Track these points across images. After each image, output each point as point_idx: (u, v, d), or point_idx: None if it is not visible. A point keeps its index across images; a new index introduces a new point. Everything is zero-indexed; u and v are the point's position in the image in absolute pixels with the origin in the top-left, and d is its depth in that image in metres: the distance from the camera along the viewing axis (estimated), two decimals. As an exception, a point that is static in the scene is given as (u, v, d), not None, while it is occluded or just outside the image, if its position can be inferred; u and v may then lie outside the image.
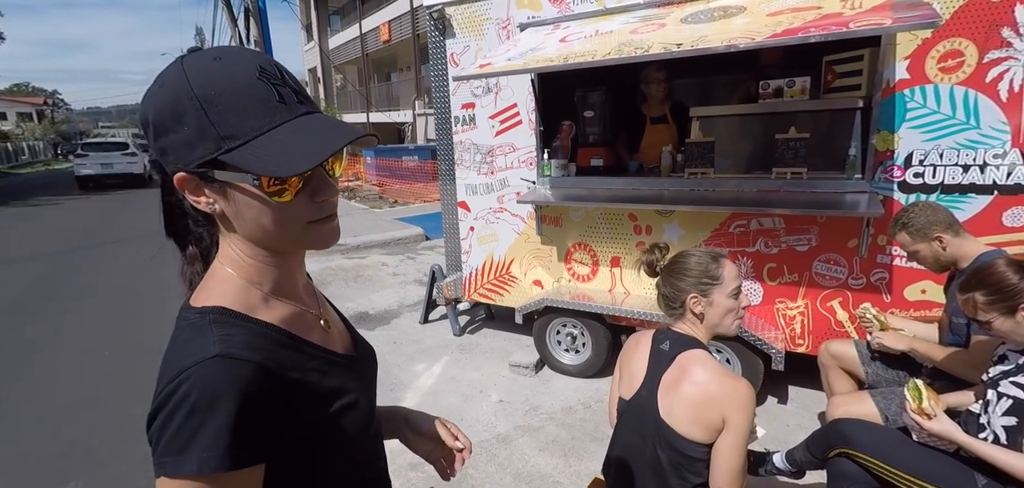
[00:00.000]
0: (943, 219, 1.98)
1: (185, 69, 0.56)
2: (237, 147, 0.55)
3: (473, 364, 3.66)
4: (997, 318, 1.48)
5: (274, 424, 0.58)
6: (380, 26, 18.56)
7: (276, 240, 0.63)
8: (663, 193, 3.05)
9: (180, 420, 0.53)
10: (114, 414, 3.17)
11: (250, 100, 0.56)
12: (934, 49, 2.32)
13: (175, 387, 0.54)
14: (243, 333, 0.59)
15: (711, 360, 1.31)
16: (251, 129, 0.56)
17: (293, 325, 0.66)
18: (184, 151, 0.57)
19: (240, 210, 0.60)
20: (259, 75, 0.57)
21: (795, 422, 2.83)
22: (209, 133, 0.55)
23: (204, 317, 0.60)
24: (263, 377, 0.57)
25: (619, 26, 2.60)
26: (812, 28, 1.80)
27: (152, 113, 0.58)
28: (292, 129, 0.57)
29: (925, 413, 1.60)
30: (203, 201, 0.60)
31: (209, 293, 0.63)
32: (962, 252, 1.97)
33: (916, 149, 2.46)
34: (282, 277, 0.67)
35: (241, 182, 0.57)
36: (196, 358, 0.55)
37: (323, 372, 0.67)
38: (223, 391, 0.54)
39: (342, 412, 0.67)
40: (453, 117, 3.66)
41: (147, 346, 4.15)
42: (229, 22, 11.49)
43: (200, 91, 0.55)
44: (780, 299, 2.94)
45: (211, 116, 0.55)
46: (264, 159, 0.55)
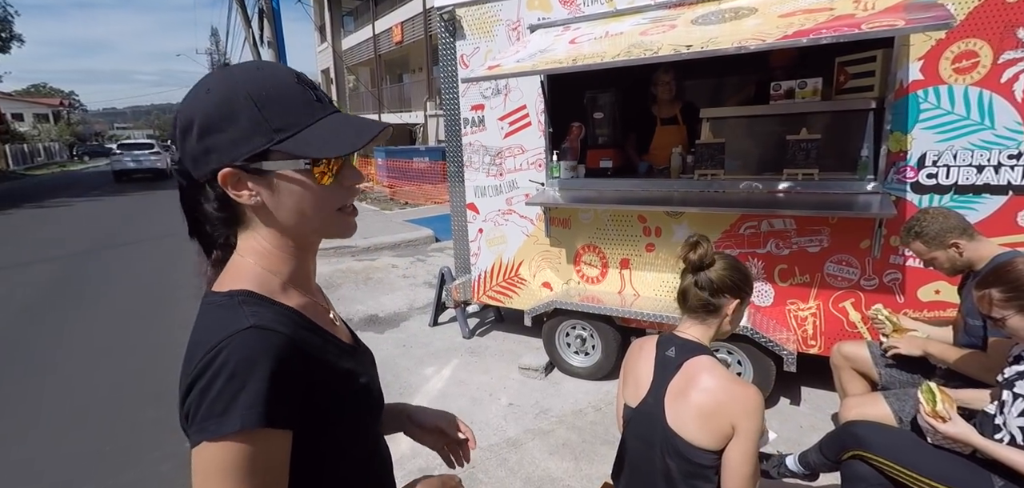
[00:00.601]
0: (957, 225, 1.96)
1: (233, 75, 0.65)
2: (288, 138, 0.63)
3: (482, 367, 3.67)
4: (1012, 315, 1.46)
5: (301, 394, 0.63)
6: (393, 27, 18.68)
7: (310, 225, 0.69)
8: (672, 194, 3.05)
9: (221, 384, 0.57)
10: (126, 419, 3.18)
11: (294, 100, 0.65)
12: (948, 50, 2.30)
13: (213, 356, 0.58)
14: (269, 312, 0.65)
15: (718, 366, 1.30)
16: (299, 122, 0.64)
17: (309, 312, 0.72)
18: (232, 148, 0.63)
19: (282, 198, 0.66)
20: (297, 81, 0.66)
21: (808, 423, 2.81)
22: (262, 127, 0.62)
23: (233, 299, 0.65)
24: (293, 348, 0.62)
25: (629, 27, 2.61)
26: (824, 30, 1.79)
27: (199, 115, 0.64)
28: (331, 122, 0.66)
29: (939, 416, 1.59)
30: (245, 194, 0.66)
31: (234, 279, 0.68)
32: (978, 255, 1.95)
33: (930, 150, 2.44)
34: (299, 270, 0.73)
35: (292, 168, 0.65)
36: (232, 329, 0.60)
37: (337, 356, 0.72)
38: (260, 356, 0.58)
39: (358, 393, 0.74)
40: (462, 119, 3.69)
41: (160, 348, 4.21)
42: (243, 23, 11.62)
43: (253, 91, 0.63)
44: (792, 300, 2.92)
45: (264, 112, 0.62)
46: (314, 145, 0.63)
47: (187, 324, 0.67)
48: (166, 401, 3.36)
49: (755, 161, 3.08)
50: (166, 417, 3.18)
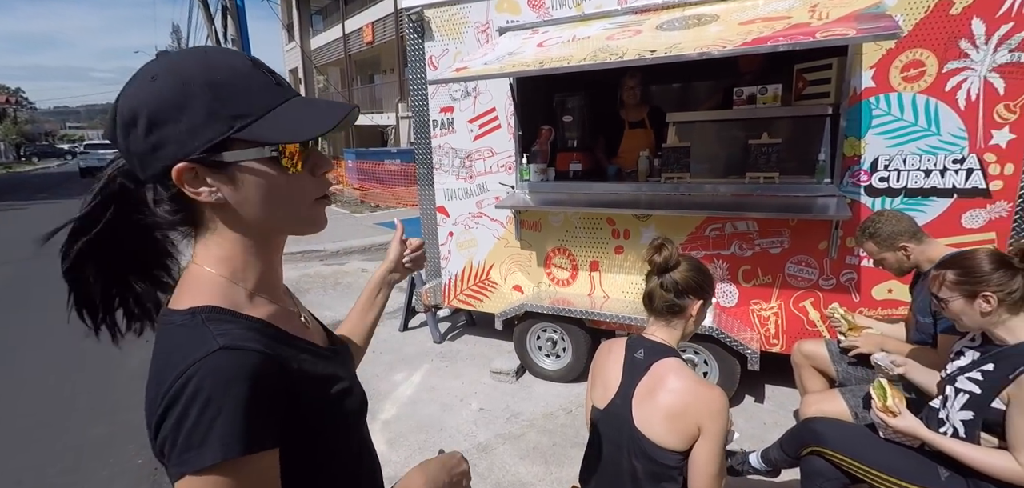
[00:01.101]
0: (907, 229, 2.07)
1: (181, 61, 0.59)
2: (249, 124, 0.58)
3: (453, 372, 3.64)
4: (956, 299, 1.54)
5: (283, 409, 0.59)
6: (363, 27, 18.38)
7: (279, 220, 0.64)
8: (640, 197, 3.09)
9: (196, 414, 0.52)
10: (74, 438, 3.02)
11: (253, 83, 0.60)
12: (897, 59, 2.40)
13: (183, 383, 0.53)
14: (236, 327, 0.60)
15: (685, 368, 1.32)
16: (260, 107, 0.59)
17: (279, 321, 0.67)
18: (187, 139, 0.57)
19: (246, 192, 0.60)
20: (253, 65, 0.62)
21: (771, 420, 2.89)
22: (220, 114, 0.57)
23: (195, 317, 0.59)
24: (268, 365, 0.58)
25: (596, 32, 2.63)
26: (781, 37, 1.85)
27: (146, 106, 0.57)
28: (295, 105, 0.61)
29: (890, 411, 1.65)
30: (204, 191, 0.60)
31: (193, 293, 0.62)
32: (925, 256, 2.06)
33: (881, 154, 2.54)
34: (266, 273, 0.68)
35: (256, 158, 0.59)
36: (200, 352, 0.55)
37: (314, 362, 0.68)
38: (235, 377, 0.54)
39: (340, 397, 0.70)
40: (432, 121, 3.65)
41: (110, 362, 4.01)
42: (205, 20, 11.23)
43: (206, 77, 0.57)
44: (755, 300, 3.00)
45: (221, 98, 0.57)
46: (281, 130, 0.58)
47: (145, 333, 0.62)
48: (116, 417, 3.21)
49: (720, 165, 3.16)
50: (115, 434, 3.03)
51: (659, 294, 1.35)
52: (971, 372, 1.53)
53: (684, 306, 1.34)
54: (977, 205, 2.43)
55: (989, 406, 1.46)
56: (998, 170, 2.36)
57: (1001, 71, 2.26)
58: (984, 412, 1.48)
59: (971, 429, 1.51)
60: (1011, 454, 1.42)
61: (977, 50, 2.28)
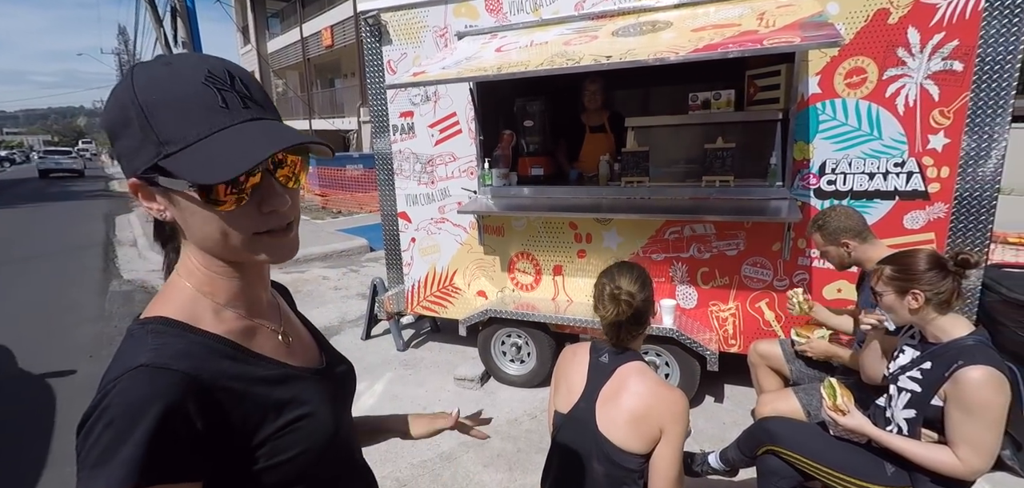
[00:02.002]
0: (853, 226, 2.15)
1: (133, 77, 0.57)
2: (174, 153, 0.55)
3: (417, 380, 3.56)
4: (889, 294, 1.60)
5: (206, 438, 0.55)
6: (322, 31, 18.00)
7: (224, 250, 0.61)
8: (601, 201, 3.11)
9: (98, 432, 0.51)
10: (5, 460, 2.83)
11: (191, 105, 0.55)
12: (841, 66, 2.50)
13: (101, 397, 0.52)
14: (179, 342, 0.58)
15: (649, 371, 1.33)
16: (189, 135, 0.55)
17: (243, 337, 0.64)
18: (131, 157, 0.57)
19: (186, 217, 0.59)
20: (206, 79, 0.57)
21: (731, 420, 2.95)
22: (150, 138, 0.55)
23: (144, 328, 0.59)
24: (190, 388, 0.54)
25: (554, 37, 2.63)
26: (731, 44, 1.89)
27: (106, 121, 0.59)
28: (230, 135, 0.56)
29: (839, 409, 1.70)
30: (155, 207, 0.60)
31: (159, 304, 0.62)
32: (867, 256, 2.15)
33: (829, 158, 2.64)
34: (240, 289, 0.65)
35: (180, 189, 0.57)
36: (124, 367, 0.54)
37: (273, 383, 0.64)
38: (145, 399, 0.51)
39: (292, 424, 0.64)
40: (391, 126, 3.58)
41: (51, 380, 3.74)
42: (153, 22, 10.72)
43: (142, 97, 0.55)
44: (713, 302, 3.06)
45: (152, 122, 0.55)
46: (196, 167, 0.54)
47: (82, 351, 0.57)
48: (60, 436, 3.00)
49: (678, 169, 3.21)
50: (57, 453, 2.83)
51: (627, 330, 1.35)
52: (911, 371, 1.59)
53: (647, 324, 1.38)
54: (917, 207, 2.55)
55: (929, 403, 1.52)
56: (935, 173, 2.49)
57: (935, 78, 2.38)
58: (925, 410, 1.53)
59: (913, 426, 1.56)
60: (949, 449, 1.48)
61: (913, 58, 2.39)
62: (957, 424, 1.45)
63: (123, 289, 5.97)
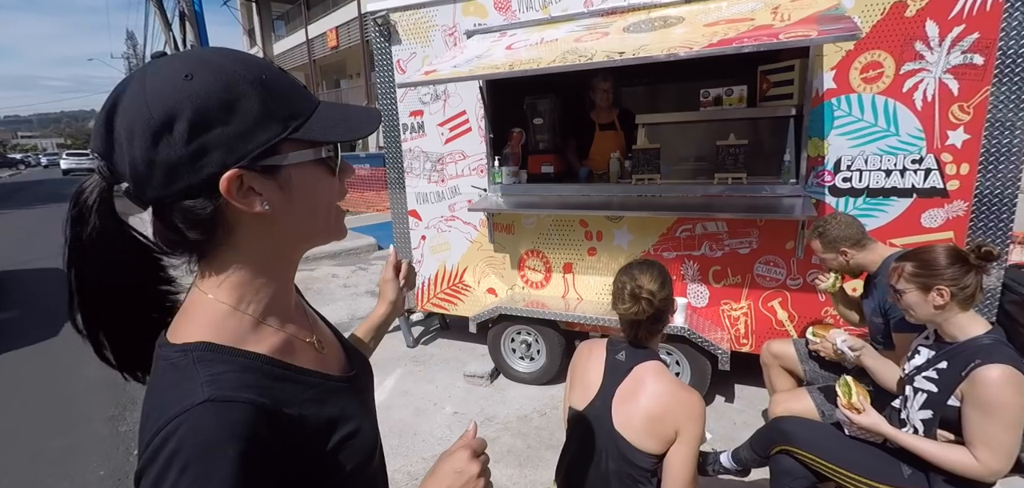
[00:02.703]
0: (852, 235, 2.15)
1: (215, 58, 0.52)
2: (302, 124, 0.55)
3: (427, 376, 3.57)
4: (911, 291, 1.57)
5: (278, 466, 0.52)
6: (327, 32, 18.08)
7: (319, 227, 0.62)
8: (612, 199, 3.09)
9: (172, 479, 0.45)
10: (27, 450, 2.88)
11: (290, 84, 0.56)
12: (857, 60, 2.46)
13: (163, 441, 0.47)
14: (233, 370, 0.53)
15: (666, 372, 1.33)
16: (306, 107, 0.56)
17: (285, 352, 0.61)
18: (237, 143, 0.51)
19: (294, 198, 0.57)
20: (278, 67, 0.59)
21: (742, 420, 2.92)
22: (275, 114, 0.53)
23: (187, 355, 0.53)
24: (261, 418, 0.51)
25: (564, 34, 2.62)
26: (745, 39, 1.86)
27: (189, 107, 0.49)
28: (328, 107, 0.59)
29: (854, 408, 1.68)
30: (256, 201, 0.54)
31: (190, 325, 0.56)
32: (869, 260, 2.15)
33: (844, 155, 2.60)
34: (277, 296, 0.63)
35: (313, 158, 0.57)
36: (184, 404, 0.48)
37: (321, 401, 0.61)
38: (218, 440, 0.47)
39: (343, 443, 0.62)
40: (401, 124, 3.58)
41: (71, 374, 3.81)
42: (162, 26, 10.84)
43: (251, 74, 0.53)
44: (725, 300, 3.03)
45: (273, 97, 0.53)
46: (332, 130, 0.56)
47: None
48: (77, 428, 3.06)
49: (689, 166, 3.19)
50: (77, 444, 2.90)
51: (645, 328, 1.35)
52: (927, 371, 1.57)
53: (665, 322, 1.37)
54: (935, 204, 2.50)
55: (945, 404, 1.49)
56: (954, 170, 2.44)
57: (955, 72, 2.34)
58: (941, 410, 1.51)
59: (930, 427, 1.54)
60: (967, 449, 1.45)
61: (931, 51, 2.35)
62: (975, 424, 1.42)
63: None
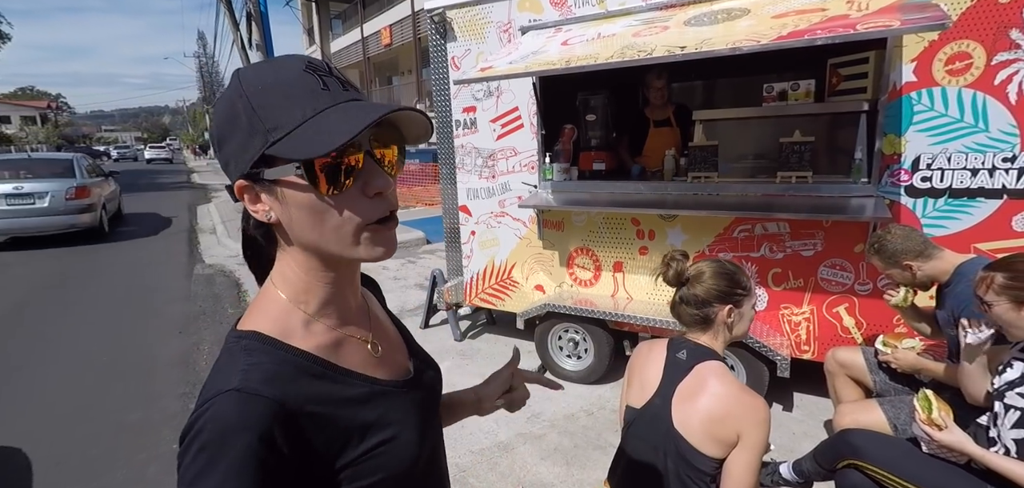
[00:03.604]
0: (914, 248, 2.00)
1: (240, 76, 0.58)
2: (282, 138, 0.54)
3: (474, 370, 3.62)
4: (1002, 304, 1.45)
5: (291, 465, 0.55)
6: (381, 30, 18.60)
7: (330, 245, 0.59)
8: (666, 197, 3.02)
9: (193, 453, 0.52)
10: (112, 423, 3.13)
11: (295, 90, 0.55)
12: (941, 51, 2.28)
13: (196, 418, 0.53)
14: (269, 361, 0.57)
15: (730, 374, 1.29)
16: (295, 118, 0.54)
17: (331, 351, 0.63)
18: (239, 155, 0.56)
19: (292, 213, 0.57)
20: (306, 68, 0.57)
21: (800, 430, 2.79)
22: (257, 128, 0.54)
23: (239, 342, 0.59)
24: (279, 416, 0.54)
25: (622, 29, 2.58)
26: (818, 30, 1.77)
27: (215, 126, 0.58)
28: (335, 112, 0.55)
29: (935, 424, 1.56)
30: (260, 209, 0.59)
31: (253, 315, 0.62)
32: (938, 270, 2.00)
33: (923, 153, 2.42)
34: (333, 295, 0.64)
35: (287, 176, 0.55)
36: (217, 389, 0.54)
37: (360, 403, 0.62)
38: (234, 428, 0.52)
39: (374, 450, 0.62)
40: (454, 121, 3.64)
41: (147, 353, 4.13)
42: (231, 26, 11.51)
43: (249, 88, 0.55)
44: (785, 305, 2.90)
45: (259, 111, 0.54)
46: (303, 145, 0.53)
47: (174, 327, 0.61)
48: (153, 404, 3.31)
49: (749, 164, 3.07)
50: (153, 419, 3.14)
51: (681, 309, 1.35)
52: (1021, 387, 1.44)
53: (711, 316, 1.31)
54: (1029, 207, 2.29)
55: None
56: (1051, 169, 2.23)
57: (1056, 64, 2.13)
58: None
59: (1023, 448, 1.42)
60: None
61: (1029, 41, 2.15)
62: None
63: (205, 272, 6.46)
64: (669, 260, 1.34)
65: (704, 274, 1.31)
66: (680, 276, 1.33)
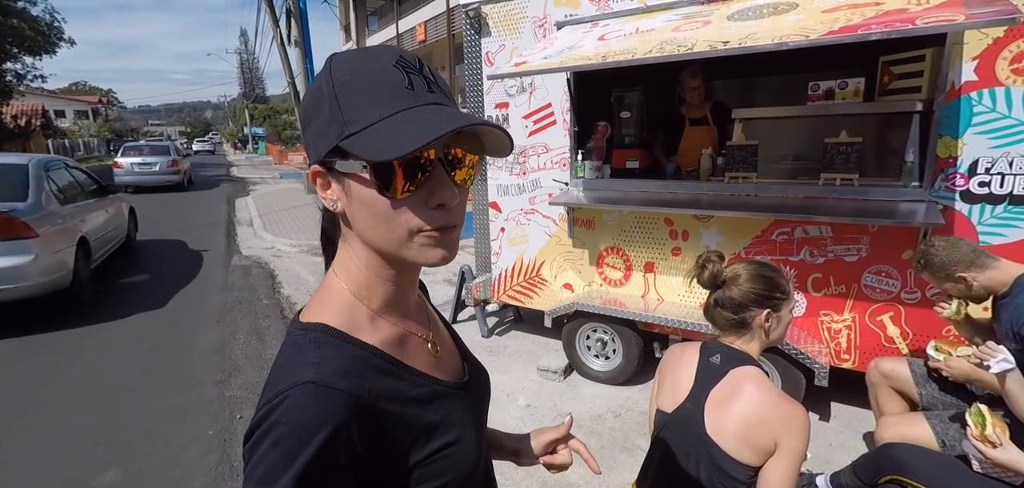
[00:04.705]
0: (964, 258, 1.88)
1: (331, 61, 0.57)
2: (355, 133, 0.53)
3: (501, 367, 3.62)
4: None
5: (362, 462, 0.54)
6: (416, 26, 18.82)
7: (385, 244, 0.58)
8: (701, 197, 2.95)
9: (266, 448, 0.51)
10: (153, 406, 3.24)
11: (379, 86, 0.54)
12: (1007, 49, 2.15)
13: (268, 411, 0.52)
14: (340, 355, 0.56)
15: (766, 380, 1.24)
16: (372, 115, 0.53)
17: (397, 348, 0.62)
18: (318, 141, 0.56)
19: (356, 208, 0.57)
20: (396, 63, 0.56)
21: (838, 441, 2.69)
22: (336, 117, 0.54)
23: (306, 335, 0.58)
24: (355, 410, 0.54)
25: (661, 24, 2.53)
26: (873, 25, 1.68)
27: (302, 106, 0.59)
28: (411, 116, 0.53)
29: (989, 441, 1.48)
30: (329, 197, 0.58)
31: (318, 307, 0.61)
32: (996, 281, 1.86)
33: (982, 156, 2.29)
34: (394, 292, 0.63)
35: (355, 171, 0.54)
36: (291, 380, 0.53)
37: (424, 403, 0.62)
38: (311, 425, 0.51)
39: (439, 451, 0.61)
40: (486, 116, 3.65)
41: (186, 340, 4.29)
42: (271, 23, 11.84)
43: (337, 75, 0.55)
44: (825, 311, 2.79)
45: (340, 100, 0.54)
46: (372, 145, 0.51)
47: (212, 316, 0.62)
48: (191, 390, 3.43)
49: (790, 164, 2.96)
50: (191, 404, 3.24)
51: (716, 313, 1.30)
52: None
53: (746, 320, 1.26)
54: (1098, 216, 2.14)
55: None
56: None
57: None
58: None
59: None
60: None
61: (1106, 39, 2.00)
62: None
63: (242, 263, 6.67)
64: (704, 261, 1.30)
65: (740, 276, 1.26)
66: (715, 278, 1.29)
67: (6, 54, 16.39)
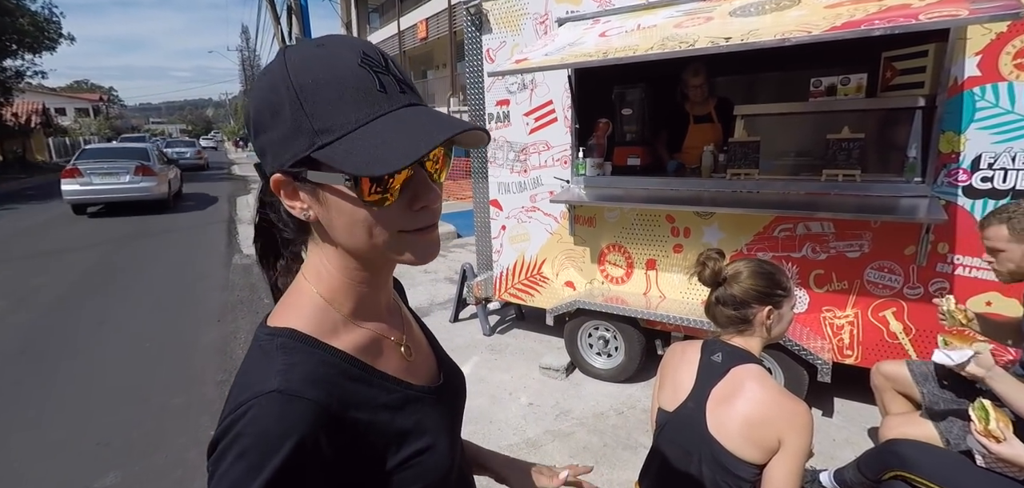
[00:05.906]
0: None
1: (286, 59, 0.52)
2: (331, 143, 0.50)
3: (503, 365, 3.63)
4: None
5: (332, 471, 0.53)
6: (418, 23, 18.82)
7: (370, 250, 0.56)
8: (702, 194, 2.95)
9: (231, 460, 0.49)
10: (155, 406, 3.24)
11: (349, 89, 0.50)
12: (1010, 44, 2.14)
13: (233, 421, 0.50)
14: (309, 362, 0.55)
15: (769, 378, 1.24)
16: (347, 122, 0.50)
17: (369, 353, 0.61)
18: (280, 149, 0.52)
19: (333, 217, 0.55)
20: (361, 62, 0.52)
21: (842, 437, 2.69)
22: (304, 127, 0.50)
23: (273, 340, 0.56)
24: (323, 419, 0.52)
25: (663, 20, 2.52)
26: (876, 21, 1.67)
27: (253, 109, 0.54)
28: (391, 122, 0.51)
29: (992, 435, 1.47)
30: (298, 206, 0.55)
31: (286, 311, 0.59)
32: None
33: (985, 151, 2.28)
34: (367, 295, 0.62)
35: (334, 183, 0.52)
36: (256, 389, 0.51)
37: (396, 409, 0.60)
38: (277, 436, 0.49)
39: (412, 459, 0.60)
40: (487, 114, 3.64)
41: (188, 338, 4.29)
42: (272, 20, 11.84)
43: (297, 80, 0.50)
44: (827, 307, 2.79)
45: (306, 108, 0.50)
46: (356, 157, 0.49)
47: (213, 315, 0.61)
48: (193, 389, 3.43)
49: (791, 161, 2.96)
50: (192, 404, 3.25)
51: (718, 311, 1.30)
52: None
53: (748, 317, 1.26)
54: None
55: None
56: None
57: None
58: None
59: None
60: None
61: (1110, 33, 1.99)
62: None
63: (243, 262, 6.67)
64: (705, 259, 1.30)
65: (742, 274, 1.26)
66: (716, 276, 1.29)
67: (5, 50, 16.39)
